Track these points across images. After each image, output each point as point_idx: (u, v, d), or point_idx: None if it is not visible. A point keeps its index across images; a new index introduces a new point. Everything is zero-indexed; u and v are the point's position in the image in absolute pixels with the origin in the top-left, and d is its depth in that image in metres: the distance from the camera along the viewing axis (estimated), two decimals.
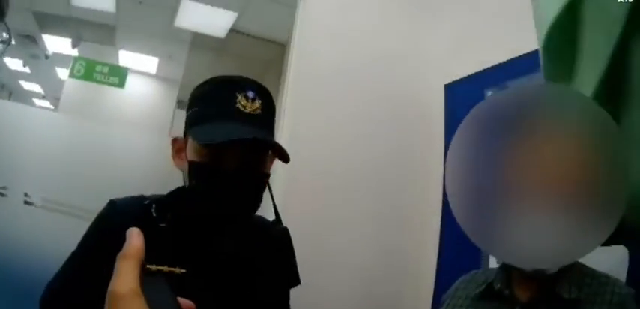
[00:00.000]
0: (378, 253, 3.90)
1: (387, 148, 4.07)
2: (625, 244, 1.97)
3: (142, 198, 1.91)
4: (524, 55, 3.31)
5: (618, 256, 2.23)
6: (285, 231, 2.18)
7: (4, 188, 3.95)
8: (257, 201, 1.87)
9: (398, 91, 4.22)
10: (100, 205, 1.93)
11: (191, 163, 1.78)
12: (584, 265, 1.88)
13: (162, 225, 1.78)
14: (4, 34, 1.36)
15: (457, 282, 2.39)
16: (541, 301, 1.89)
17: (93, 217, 1.94)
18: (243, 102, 1.78)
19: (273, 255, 2.05)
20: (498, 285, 2.05)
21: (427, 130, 4.11)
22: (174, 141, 1.95)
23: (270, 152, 1.86)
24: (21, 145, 4.10)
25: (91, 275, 1.69)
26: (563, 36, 1.23)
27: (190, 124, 1.84)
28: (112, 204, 1.90)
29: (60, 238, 2.79)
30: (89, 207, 3.77)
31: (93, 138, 4.44)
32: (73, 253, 1.87)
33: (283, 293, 2.10)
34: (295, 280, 2.15)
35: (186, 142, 1.87)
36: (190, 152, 1.80)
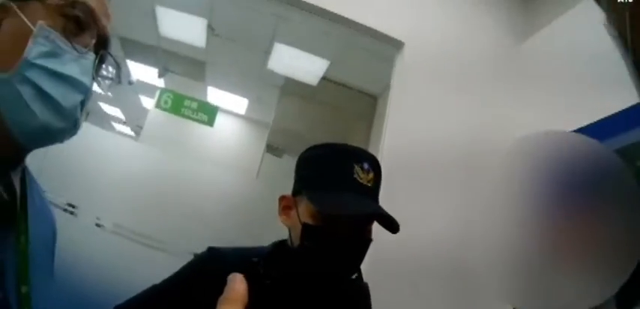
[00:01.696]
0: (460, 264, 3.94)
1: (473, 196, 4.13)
2: None
3: (245, 251, 2.02)
4: (607, 117, 3.35)
5: None
6: (366, 286, 2.24)
7: (73, 207, 4.06)
8: (360, 264, 2.00)
9: (487, 140, 4.28)
10: (174, 238, 2.02)
11: (306, 226, 1.88)
12: None
13: (267, 282, 1.85)
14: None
15: None
16: None
17: (164, 247, 2.03)
18: (361, 173, 1.90)
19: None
20: None
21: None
22: (282, 198, 2.06)
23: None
24: (96, 167, 4.22)
25: None
26: None
27: (307, 186, 1.96)
28: (216, 251, 2.00)
29: (128, 264, 2.90)
30: (162, 237, 3.90)
31: (174, 171, 4.54)
32: (155, 286, 1.98)
33: None
34: None
35: (295, 202, 1.99)
36: (304, 214, 1.91)
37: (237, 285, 0.78)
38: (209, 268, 1.91)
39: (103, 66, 1.51)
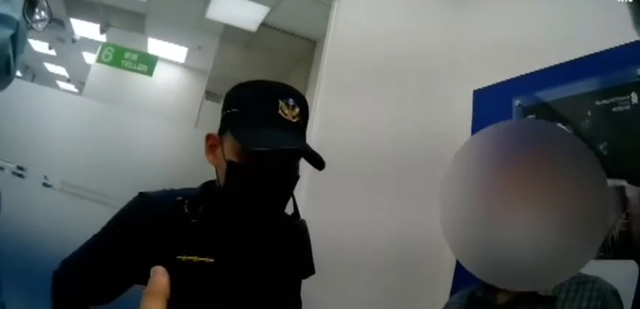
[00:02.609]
0: (397, 251, 3.95)
1: (414, 148, 4.17)
2: (637, 260, 2.04)
3: (173, 193, 2.02)
4: (552, 66, 3.41)
5: (628, 271, 2.29)
6: (303, 223, 2.30)
7: (22, 169, 4.00)
8: (287, 200, 2.03)
9: (427, 92, 4.30)
10: (120, 192, 2.00)
11: (231, 163, 1.89)
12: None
13: (193, 221, 1.90)
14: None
15: (449, 299, 2.55)
16: (519, 301, 2.04)
17: (112, 202, 2.01)
18: (285, 110, 1.89)
19: (291, 246, 2.14)
20: (480, 293, 2.24)
21: (453, 132, 4.14)
22: (209, 137, 2.05)
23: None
24: (42, 127, 4.15)
25: (109, 260, 1.81)
26: None
27: (231, 125, 1.93)
28: (144, 196, 2.00)
29: (77, 221, 2.84)
30: (109, 193, 3.86)
31: (117, 124, 4.49)
32: (95, 236, 2.00)
33: (297, 282, 2.25)
34: (310, 270, 2.30)
35: (221, 140, 1.99)
36: (229, 151, 1.92)
37: (159, 277, 0.73)
38: (143, 214, 1.93)
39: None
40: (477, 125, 4.03)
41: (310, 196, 3.67)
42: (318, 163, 1.90)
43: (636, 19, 1.48)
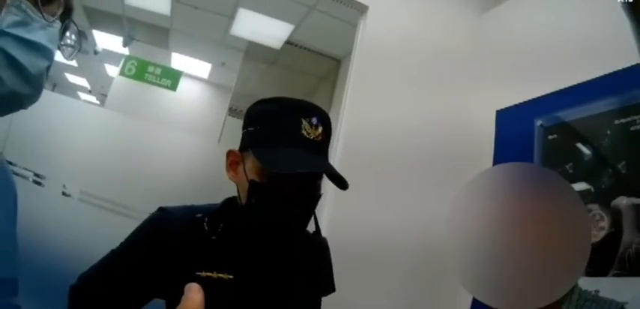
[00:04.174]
0: (419, 258, 3.94)
1: (439, 159, 4.26)
2: None
3: (193, 209, 1.99)
4: (573, 86, 3.48)
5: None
6: (324, 241, 2.30)
7: (40, 177, 3.99)
8: (309, 219, 1.99)
9: (451, 111, 4.35)
10: (140, 203, 1.98)
11: (253, 183, 1.85)
12: (586, 291, 2.05)
13: (213, 237, 1.89)
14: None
15: None
16: None
17: (131, 213, 1.99)
18: (308, 129, 1.86)
19: (312, 264, 2.11)
20: None
21: (476, 152, 4.16)
22: (229, 153, 2.02)
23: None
24: (62, 136, 4.14)
25: (128, 275, 1.80)
26: None
27: (253, 143, 1.92)
28: (164, 211, 1.97)
29: (95, 231, 2.83)
30: (129, 203, 3.84)
31: (138, 135, 4.47)
32: (113, 251, 1.97)
33: (317, 300, 2.22)
34: (331, 288, 2.31)
35: (242, 157, 1.97)
36: (251, 170, 1.89)
37: (193, 294, 0.71)
38: (163, 230, 1.91)
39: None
40: (499, 145, 4.11)
41: (336, 207, 3.70)
42: (341, 183, 1.87)
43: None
